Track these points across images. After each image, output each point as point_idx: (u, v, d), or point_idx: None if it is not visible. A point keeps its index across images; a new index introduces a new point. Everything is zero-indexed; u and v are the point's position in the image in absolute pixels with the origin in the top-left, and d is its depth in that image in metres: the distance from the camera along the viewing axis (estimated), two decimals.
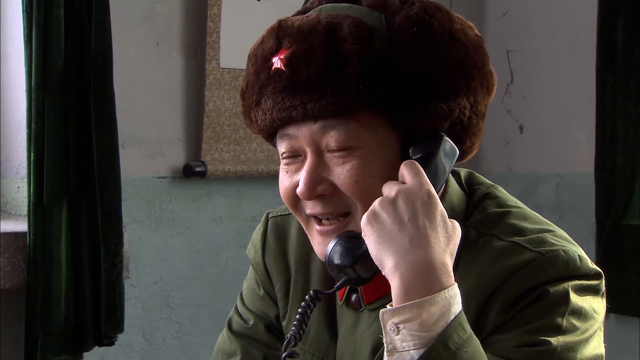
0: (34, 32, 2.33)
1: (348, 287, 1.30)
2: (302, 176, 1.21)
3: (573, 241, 1.23)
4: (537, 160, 3.33)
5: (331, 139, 1.19)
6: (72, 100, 2.40)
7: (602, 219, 3.01)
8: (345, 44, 1.16)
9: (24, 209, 2.50)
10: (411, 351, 1.07)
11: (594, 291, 1.19)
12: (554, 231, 1.23)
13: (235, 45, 2.80)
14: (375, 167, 1.19)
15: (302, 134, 1.20)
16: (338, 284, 1.20)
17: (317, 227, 1.24)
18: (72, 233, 2.41)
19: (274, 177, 2.88)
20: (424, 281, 1.08)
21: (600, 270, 1.21)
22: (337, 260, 1.19)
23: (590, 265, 1.20)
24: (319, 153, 1.21)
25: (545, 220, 1.27)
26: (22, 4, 2.35)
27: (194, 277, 2.84)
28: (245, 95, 1.25)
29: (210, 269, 2.87)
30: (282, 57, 1.18)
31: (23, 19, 2.36)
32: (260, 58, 1.22)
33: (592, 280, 1.19)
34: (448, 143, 1.21)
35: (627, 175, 2.96)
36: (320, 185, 1.20)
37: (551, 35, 3.29)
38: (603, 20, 2.99)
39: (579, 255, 1.19)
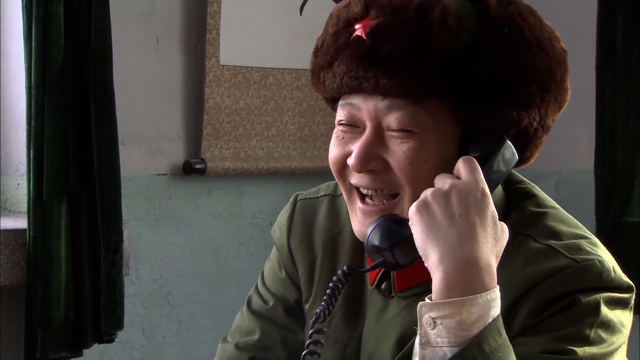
0: (33, 29, 2.33)
1: (381, 271, 1.28)
2: (357, 147, 1.19)
3: (607, 250, 1.22)
4: (537, 157, 3.32)
5: (394, 119, 1.17)
6: (72, 98, 2.40)
7: (601, 216, 3.01)
8: (433, 29, 1.14)
9: (23, 206, 2.50)
10: (445, 348, 1.06)
11: (623, 304, 1.18)
12: (589, 238, 1.22)
13: (235, 42, 2.79)
14: (431, 154, 1.17)
15: (366, 106, 1.18)
16: (373, 264, 1.18)
17: (360, 205, 1.22)
18: (72, 230, 2.41)
19: (274, 174, 2.90)
20: (467, 279, 1.07)
21: (632, 284, 1.20)
22: (376, 241, 1.17)
23: (623, 277, 1.19)
24: (379, 129, 1.19)
25: (581, 225, 1.26)
26: (22, 1, 2.34)
27: (193, 274, 2.84)
28: (319, 53, 1.23)
29: (210, 266, 2.87)
30: (366, 25, 1.16)
31: (22, 16, 2.35)
32: (342, 20, 1.20)
33: (624, 293, 1.18)
34: (510, 148, 1.19)
35: (626, 172, 2.96)
36: (373, 161, 1.19)
37: None
38: (603, 18, 2.99)
39: (613, 267, 1.18)
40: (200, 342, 2.84)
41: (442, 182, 1.14)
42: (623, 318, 1.18)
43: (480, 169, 1.14)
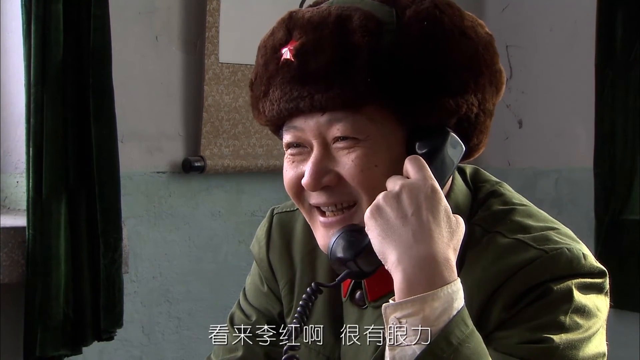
0: (32, 26, 2.33)
1: (352, 283, 1.30)
2: (308, 167, 1.21)
3: (577, 239, 1.23)
4: (536, 155, 3.33)
5: (337, 131, 1.19)
6: (71, 95, 2.40)
7: (601, 214, 3.01)
8: (354, 36, 1.16)
9: (23, 204, 2.50)
10: (413, 346, 1.07)
11: (597, 289, 1.19)
12: (558, 229, 1.23)
13: (235, 40, 2.79)
14: (380, 158, 1.19)
15: (308, 126, 1.20)
16: (340, 277, 1.20)
17: (321, 218, 1.24)
18: (71, 228, 2.41)
19: (273, 172, 2.90)
20: (426, 276, 1.08)
21: (605, 269, 1.21)
22: (339, 253, 1.19)
23: (595, 263, 1.20)
24: (325, 145, 1.20)
25: (550, 217, 1.27)
26: None
27: (193, 272, 2.84)
28: (254, 86, 1.25)
29: (210, 264, 2.88)
30: (291, 47, 1.18)
31: (22, 14, 2.36)
32: (269, 49, 1.22)
33: (596, 278, 1.19)
34: (454, 139, 1.21)
35: (626, 170, 2.96)
36: (325, 176, 1.20)
37: (550, 31, 3.28)
38: (602, 16, 2.99)
39: (583, 253, 1.19)
40: (199, 339, 2.84)
41: (393, 184, 1.15)
42: (598, 302, 1.19)
43: (427, 166, 1.16)
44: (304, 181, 1.21)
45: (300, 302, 1.20)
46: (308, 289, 1.20)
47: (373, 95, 1.16)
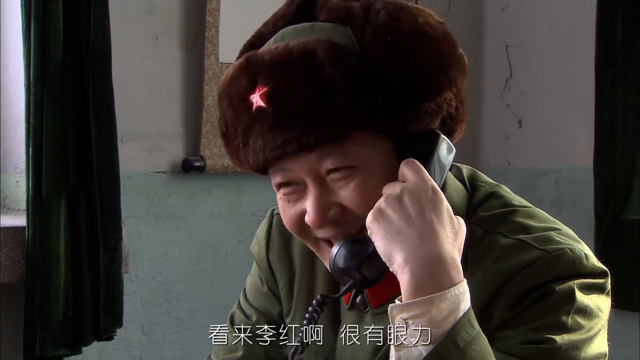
0: (32, 26, 2.33)
1: (354, 291, 1.29)
2: (310, 206, 1.19)
3: (579, 239, 1.23)
4: (536, 155, 3.33)
5: (330, 164, 1.17)
6: (71, 95, 2.40)
7: (601, 213, 3.01)
8: (324, 69, 1.13)
9: (22, 204, 2.50)
10: (419, 347, 1.06)
11: (599, 289, 1.19)
12: (560, 229, 1.23)
13: (234, 39, 2.77)
14: (378, 179, 1.18)
15: (298, 166, 1.18)
16: (345, 288, 1.18)
17: (329, 247, 1.22)
18: (71, 228, 2.41)
19: None
20: (434, 276, 1.07)
21: (606, 269, 1.21)
22: (342, 264, 1.17)
23: (597, 263, 1.19)
24: (319, 179, 1.19)
25: (552, 218, 1.26)
26: None
27: (193, 272, 2.84)
28: (228, 137, 1.22)
29: (210, 263, 2.87)
30: (260, 94, 1.15)
31: (21, 13, 2.35)
32: (236, 98, 1.19)
33: (598, 278, 1.19)
34: (445, 141, 1.21)
35: (626, 170, 2.96)
36: (330, 211, 1.19)
37: (550, 30, 3.28)
38: (602, 15, 2.98)
39: (585, 253, 1.18)
40: (199, 339, 2.84)
41: (392, 188, 1.14)
42: (600, 303, 1.19)
43: (423, 168, 1.15)
44: (310, 220, 1.19)
45: (307, 316, 1.19)
46: (314, 301, 1.19)
47: (357, 122, 1.15)
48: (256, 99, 1.16)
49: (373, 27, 1.16)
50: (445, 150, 1.21)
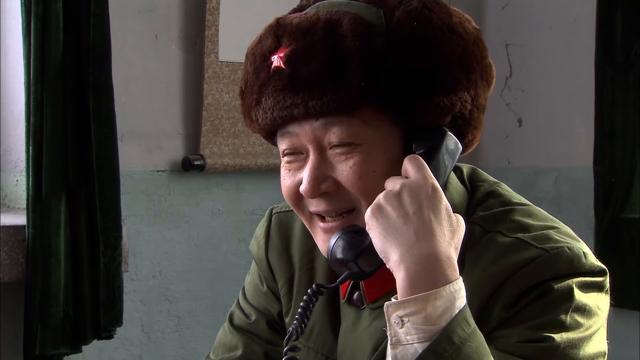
0: (32, 25, 2.33)
1: (350, 284, 1.30)
2: (305, 174, 1.21)
3: (578, 238, 1.23)
4: (536, 154, 3.33)
5: (333, 136, 1.18)
6: (71, 94, 2.40)
7: (600, 212, 3.01)
8: (345, 41, 1.15)
9: (22, 203, 2.50)
10: (415, 344, 1.07)
11: (598, 288, 1.19)
12: (558, 228, 1.23)
13: (234, 38, 2.79)
14: (378, 163, 1.19)
15: (303, 131, 1.20)
16: (340, 278, 1.20)
17: (321, 224, 1.23)
18: (71, 226, 2.41)
19: (273, 170, 2.89)
20: (429, 274, 1.08)
21: (605, 267, 1.21)
22: (339, 254, 1.18)
23: (595, 262, 1.20)
24: (321, 150, 1.20)
25: (550, 216, 1.27)
26: None
27: (192, 270, 2.84)
28: (245, 94, 1.25)
29: (209, 262, 2.88)
30: (281, 55, 1.18)
31: (21, 12, 2.36)
32: (259, 57, 1.21)
33: (597, 277, 1.19)
34: (452, 139, 1.21)
35: (626, 168, 2.96)
36: (324, 183, 1.20)
37: (550, 29, 3.28)
38: (602, 14, 2.98)
39: (583, 252, 1.19)
40: (199, 338, 2.84)
41: (393, 184, 1.15)
42: (599, 301, 1.19)
43: (426, 165, 1.16)
44: (302, 188, 1.21)
45: (301, 304, 1.19)
46: (309, 290, 1.20)
47: (367, 99, 1.16)
48: (276, 59, 1.19)
49: (403, 11, 1.18)
50: (452, 148, 1.21)
